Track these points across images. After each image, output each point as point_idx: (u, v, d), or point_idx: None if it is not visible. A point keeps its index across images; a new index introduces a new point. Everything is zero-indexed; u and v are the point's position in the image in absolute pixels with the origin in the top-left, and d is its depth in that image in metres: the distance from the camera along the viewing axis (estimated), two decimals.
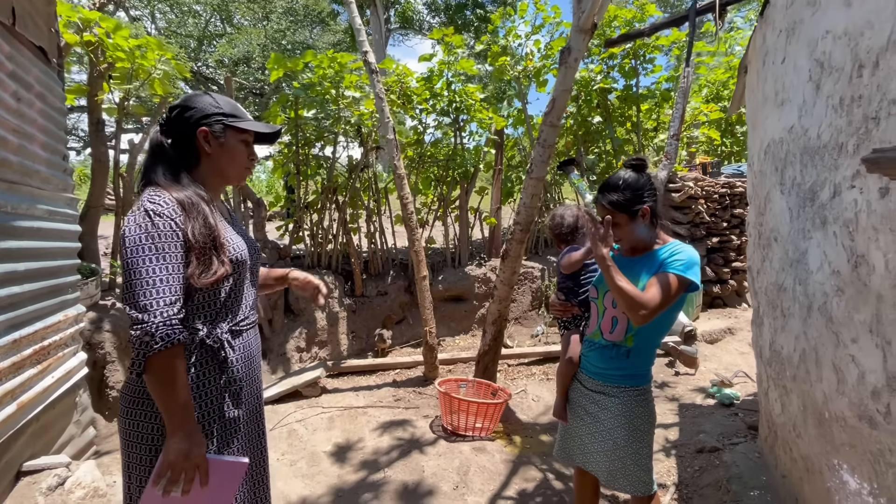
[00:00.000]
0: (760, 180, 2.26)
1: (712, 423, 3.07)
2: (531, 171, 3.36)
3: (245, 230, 1.55)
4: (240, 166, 1.40)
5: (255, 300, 1.48)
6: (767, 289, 2.18)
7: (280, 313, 4.42)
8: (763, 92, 2.21)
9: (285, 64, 4.29)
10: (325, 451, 3.04)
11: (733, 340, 4.43)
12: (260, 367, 1.51)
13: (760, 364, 2.37)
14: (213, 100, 1.38)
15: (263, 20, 24.38)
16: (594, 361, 1.71)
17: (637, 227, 1.59)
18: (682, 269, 1.51)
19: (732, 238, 5.17)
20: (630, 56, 5.67)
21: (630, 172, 1.61)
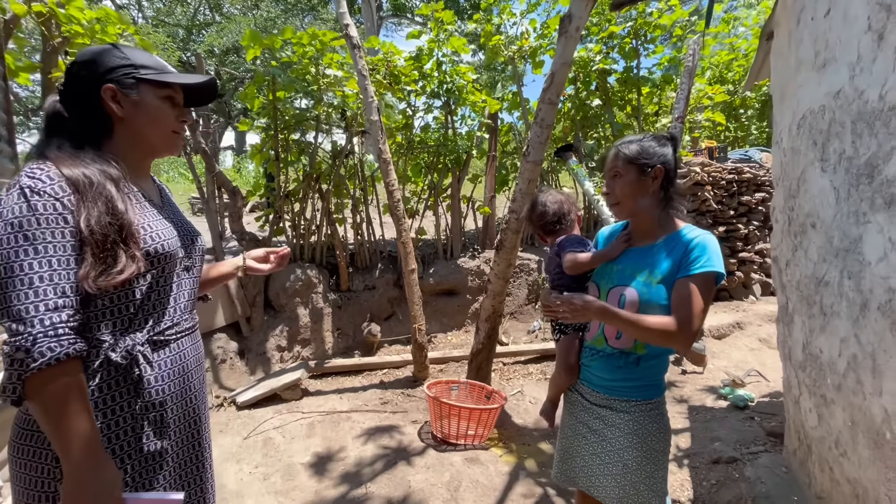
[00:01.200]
0: (792, 158, 1.96)
1: (727, 428, 2.80)
2: (528, 154, 3.05)
3: (181, 215, 1.24)
4: (164, 130, 1.09)
5: (191, 301, 1.18)
6: (801, 282, 1.89)
7: (259, 310, 4.11)
8: (797, 55, 1.90)
9: (262, 41, 3.94)
10: (304, 462, 2.75)
11: (742, 336, 4.17)
12: (202, 382, 1.21)
13: (789, 367, 2.09)
14: (121, 51, 1.06)
15: (253, 8, 23.81)
16: (598, 372, 1.43)
17: (642, 188, 1.34)
18: (707, 265, 1.25)
19: (740, 227, 4.89)
20: (631, 36, 5.34)
21: (660, 134, 1.39)
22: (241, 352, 3.99)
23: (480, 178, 5.15)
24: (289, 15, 23.53)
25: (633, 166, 1.33)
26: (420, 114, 4.82)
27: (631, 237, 1.43)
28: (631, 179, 1.34)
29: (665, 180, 1.35)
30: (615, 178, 1.36)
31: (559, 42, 2.81)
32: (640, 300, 1.30)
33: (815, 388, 1.78)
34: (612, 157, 1.38)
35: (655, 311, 1.28)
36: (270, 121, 4.11)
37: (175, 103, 1.11)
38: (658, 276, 1.30)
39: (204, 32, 22.76)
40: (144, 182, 1.14)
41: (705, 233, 1.31)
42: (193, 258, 1.18)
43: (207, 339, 3.88)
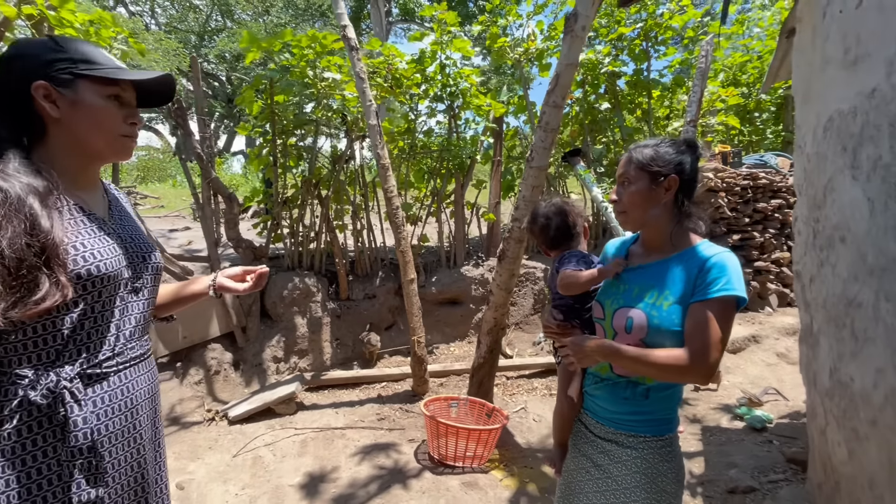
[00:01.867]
0: (817, 164, 1.79)
1: (743, 453, 2.61)
2: (531, 160, 2.90)
3: (135, 229, 1.11)
4: (110, 132, 0.96)
5: (141, 326, 1.05)
6: (827, 301, 1.72)
7: (255, 319, 4.00)
8: (823, 53, 1.74)
9: (260, 43, 3.85)
10: (293, 483, 2.62)
11: (758, 350, 3.96)
12: (155, 416, 1.08)
13: (813, 393, 1.91)
14: (56, 42, 0.93)
15: (264, 14, 24.03)
16: (603, 403, 1.27)
17: (653, 198, 1.19)
18: (727, 288, 1.08)
19: (755, 235, 4.68)
20: (641, 37, 5.18)
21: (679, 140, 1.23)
22: (236, 363, 3.88)
23: (485, 184, 5.01)
24: (299, 20, 23.68)
25: (644, 173, 1.19)
26: (423, 118, 4.70)
27: (628, 260, 1.28)
28: (641, 187, 1.19)
29: (680, 191, 1.19)
30: (625, 185, 1.22)
31: (564, 42, 2.67)
32: (649, 324, 1.14)
33: (846, 419, 1.61)
34: (623, 162, 1.25)
35: (666, 337, 1.13)
36: (269, 126, 4.02)
37: (123, 103, 0.98)
38: (670, 297, 1.14)
39: (216, 38, 23.00)
40: (88, 193, 1.02)
41: (724, 251, 1.15)
42: (144, 278, 1.05)
43: (201, 349, 3.77)
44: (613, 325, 1.23)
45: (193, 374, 3.68)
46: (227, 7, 23.34)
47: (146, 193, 9.68)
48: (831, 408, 1.72)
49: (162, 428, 1.15)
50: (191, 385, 3.63)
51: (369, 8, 18.81)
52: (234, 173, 11.32)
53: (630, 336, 1.18)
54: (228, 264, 4.25)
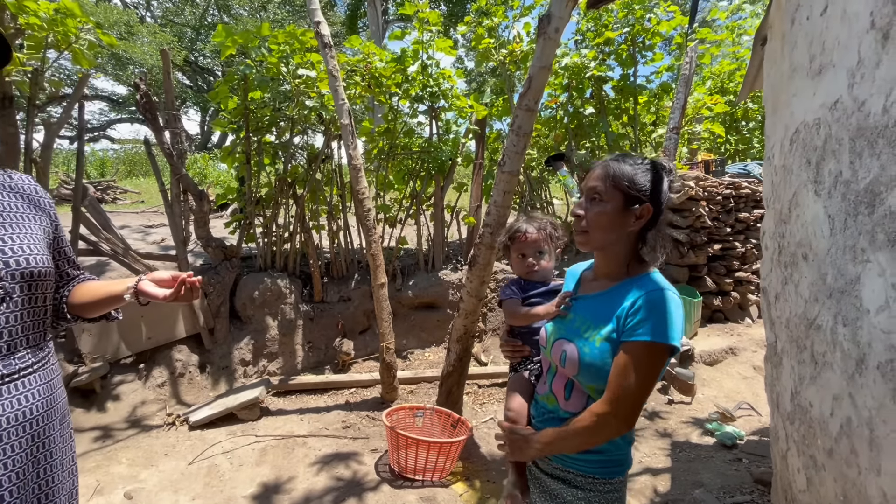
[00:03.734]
0: (783, 178, 1.71)
1: (711, 471, 2.53)
2: (503, 164, 2.81)
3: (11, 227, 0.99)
4: None
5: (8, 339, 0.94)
6: (790, 321, 1.64)
7: (224, 321, 3.88)
8: (790, 61, 1.66)
9: (235, 38, 3.74)
10: (247, 494, 2.52)
11: (735, 362, 3.89)
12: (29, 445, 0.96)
13: (777, 416, 1.83)
14: None
15: (261, 10, 23.86)
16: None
17: (621, 223, 1.06)
18: (650, 333, 0.96)
19: (736, 245, 4.62)
20: (629, 42, 5.11)
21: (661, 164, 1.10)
22: (203, 365, 3.77)
23: (466, 187, 4.92)
24: (296, 17, 23.54)
25: (619, 193, 1.05)
26: (404, 118, 4.61)
27: (570, 301, 1.19)
28: (612, 209, 1.06)
29: (649, 221, 1.08)
30: (593, 201, 1.08)
31: (538, 44, 2.59)
32: (581, 361, 1.06)
33: (805, 445, 1.53)
34: (597, 175, 1.10)
35: (596, 375, 1.04)
36: (241, 122, 3.91)
37: None
38: (602, 332, 1.05)
39: (212, 32, 22.81)
40: None
41: (664, 287, 1.02)
42: (5, 287, 0.94)
43: (167, 350, 3.66)
44: (552, 356, 1.15)
45: (157, 375, 3.57)
46: (224, 2, 23.16)
47: (126, 188, 9.52)
48: (792, 432, 1.65)
49: (59, 453, 1.04)
50: (154, 388, 3.52)
51: (366, 7, 18.71)
52: (222, 170, 11.17)
53: (566, 370, 1.10)
54: (200, 262, 4.14)
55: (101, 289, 1.16)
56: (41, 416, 0.99)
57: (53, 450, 1.04)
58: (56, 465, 1.04)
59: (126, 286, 1.13)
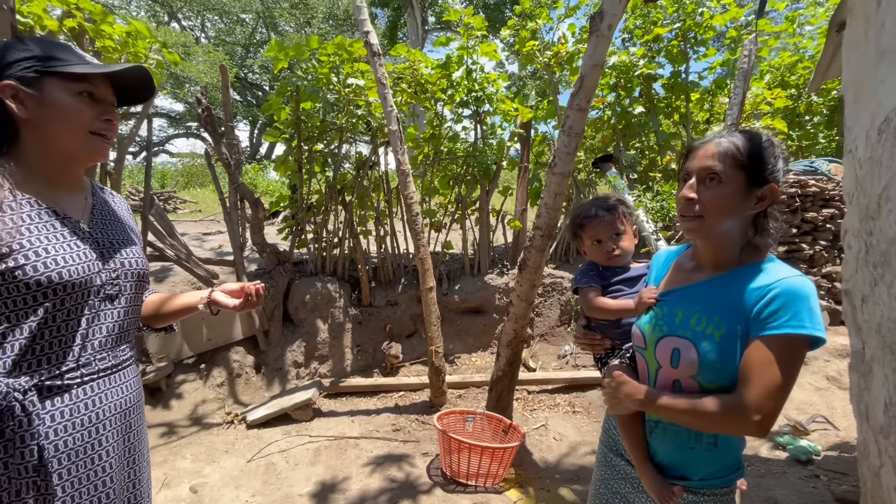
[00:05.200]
0: (871, 171, 1.59)
1: (786, 488, 2.36)
2: (554, 166, 2.77)
3: (120, 235, 1.07)
4: (79, 130, 0.92)
5: (115, 336, 1.00)
6: (882, 325, 1.51)
7: (278, 324, 4.02)
8: (877, 45, 1.54)
9: (287, 51, 3.89)
10: (303, 492, 2.57)
11: (806, 372, 3.62)
12: (126, 431, 1.02)
13: (866, 429, 1.69)
14: (24, 42, 0.90)
15: (305, 25, 24.79)
16: (659, 448, 1.08)
17: (742, 207, 0.96)
18: (795, 324, 0.87)
19: (803, 247, 4.33)
20: (679, 38, 4.93)
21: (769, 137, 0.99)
22: (258, 366, 3.91)
23: (511, 191, 4.88)
24: (338, 31, 24.30)
25: (741, 173, 0.94)
26: (448, 123, 4.63)
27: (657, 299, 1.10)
28: (734, 190, 0.94)
29: (766, 211, 0.98)
30: (709, 182, 0.96)
31: (589, 42, 2.53)
32: (701, 359, 0.96)
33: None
34: (710, 153, 0.96)
35: (721, 373, 0.95)
36: (294, 132, 4.05)
37: (97, 99, 0.94)
38: (722, 325, 0.95)
39: (260, 50, 23.91)
40: (65, 196, 0.98)
41: (797, 274, 0.93)
42: (121, 286, 1.01)
43: (225, 351, 3.82)
44: (657, 356, 1.05)
45: (216, 375, 3.73)
46: (271, 20, 24.24)
47: (185, 198, 10.08)
48: (887, 447, 1.51)
49: (142, 443, 1.10)
50: (213, 387, 3.68)
51: (406, 18, 19.08)
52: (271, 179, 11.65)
53: (678, 371, 1.00)
54: (255, 268, 4.31)
55: (176, 300, 1.22)
56: (134, 406, 1.06)
57: (141, 439, 1.10)
58: (142, 454, 1.11)
59: (200, 297, 1.19)
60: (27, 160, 0.93)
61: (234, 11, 23.51)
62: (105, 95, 0.95)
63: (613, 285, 1.34)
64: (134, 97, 1.04)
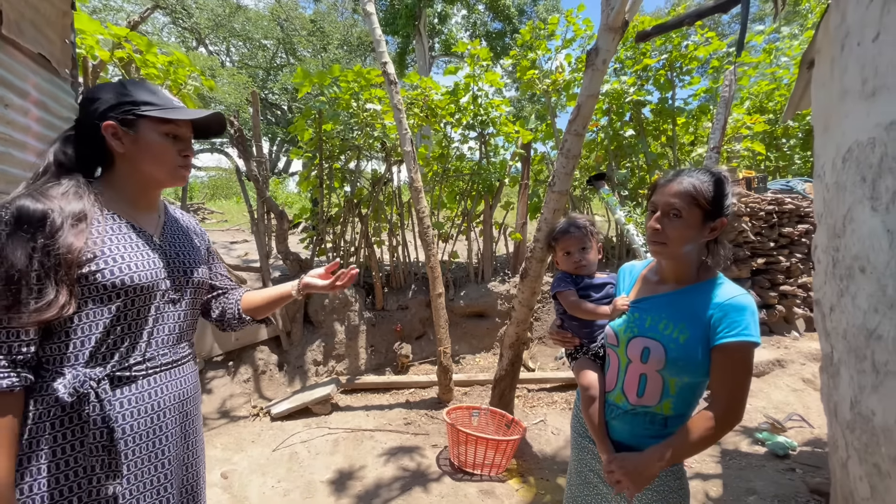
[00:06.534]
0: (836, 194, 1.67)
1: (764, 479, 2.41)
2: (553, 184, 2.86)
3: (186, 248, 1.16)
4: (167, 165, 1.03)
5: (177, 335, 1.08)
6: (848, 331, 1.58)
7: (299, 325, 4.10)
8: (841, 84, 1.63)
9: (311, 78, 4.02)
10: (324, 479, 2.64)
11: (783, 374, 3.68)
12: (186, 420, 1.09)
13: (835, 425, 1.75)
14: (124, 87, 1.01)
15: (322, 51, 25.12)
16: (620, 430, 1.20)
17: (698, 236, 1.08)
18: (748, 333, 1.02)
19: (780, 259, 4.40)
20: (666, 68, 5.05)
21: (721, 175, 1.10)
22: (281, 364, 3.98)
23: (513, 205, 4.98)
24: (353, 56, 24.64)
25: (697, 210, 1.06)
26: (456, 144, 4.74)
27: (628, 307, 1.22)
28: (691, 224, 1.06)
29: (717, 239, 1.11)
30: (671, 217, 1.07)
31: (585, 75, 2.64)
32: (668, 356, 1.08)
33: (867, 454, 1.46)
34: (672, 192, 1.07)
35: (685, 369, 1.07)
36: (317, 151, 4.16)
37: (179, 137, 1.05)
38: (686, 330, 1.07)
39: (280, 73, 24.26)
40: (143, 213, 1.08)
41: (744, 292, 1.07)
42: (183, 291, 1.10)
43: (251, 350, 3.90)
44: (628, 353, 1.17)
45: (243, 372, 3.80)
46: (290, 46, 24.60)
47: (213, 209, 10.21)
48: (852, 441, 1.57)
49: (198, 431, 1.17)
50: (240, 382, 3.75)
51: (414, 44, 19.35)
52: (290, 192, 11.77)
53: (646, 366, 1.12)
54: (278, 274, 4.40)
55: (271, 292, 1.32)
56: (190, 397, 1.13)
57: (196, 427, 1.17)
58: (198, 440, 1.17)
59: (292, 286, 1.30)
60: (117, 184, 1.03)
61: (257, 38, 23.90)
62: (186, 133, 1.06)
63: (582, 289, 1.46)
64: (207, 133, 1.14)
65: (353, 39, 24.91)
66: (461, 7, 20.14)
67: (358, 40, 24.56)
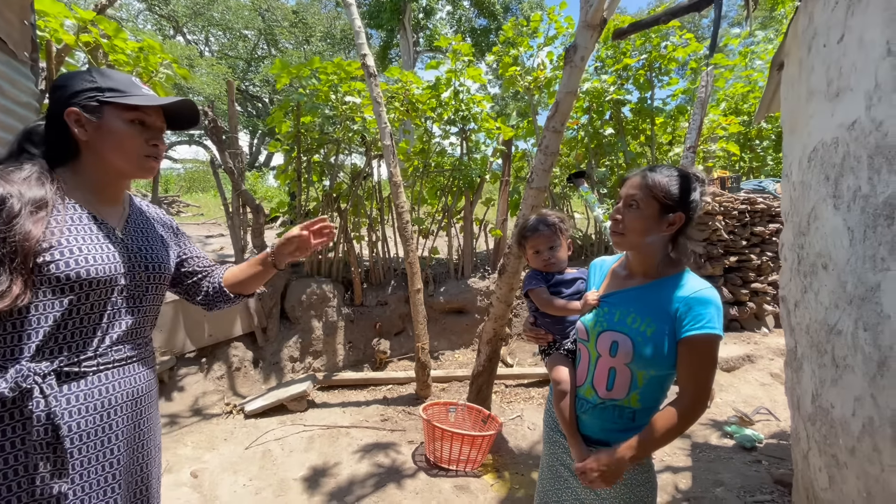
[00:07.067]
0: (802, 193, 1.71)
1: (731, 471, 2.47)
2: (531, 181, 2.86)
3: (149, 242, 1.10)
4: (132, 154, 0.98)
5: (131, 332, 1.02)
6: (810, 327, 1.62)
7: (275, 321, 4.02)
8: (808, 85, 1.67)
9: (290, 70, 3.93)
10: (297, 477, 2.60)
11: (753, 369, 3.78)
12: (139, 419, 1.04)
13: (798, 417, 1.80)
14: (90, 74, 0.97)
15: (304, 43, 24.68)
16: (592, 422, 1.21)
17: (655, 228, 1.10)
18: (713, 326, 1.04)
19: (752, 257, 4.51)
20: (646, 67, 5.11)
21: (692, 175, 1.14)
22: (256, 361, 3.91)
23: (493, 202, 4.98)
24: (335, 49, 24.29)
25: (655, 202, 1.09)
26: (437, 139, 4.71)
27: (599, 302, 1.23)
28: (648, 215, 1.10)
29: (682, 227, 1.12)
30: (630, 207, 1.12)
31: (564, 71, 2.64)
32: (635, 350, 1.09)
33: (826, 445, 1.50)
34: (634, 184, 1.13)
35: (651, 362, 1.08)
36: (294, 144, 4.08)
37: (147, 126, 1.00)
38: (652, 323, 1.09)
39: (261, 64, 23.75)
40: (106, 205, 1.03)
41: (709, 286, 1.09)
42: (143, 287, 1.05)
43: (225, 347, 3.81)
44: (597, 347, 1.18)
45: (217, 369, 3.71)
46: (272, 37, 24.09)
47: (189, 202, 9.95)
48: (813, 433, 1.62)
49: (152, 431, 1.11)
50: (214, 380, 3.66)
51: (399, 38, 19.17)
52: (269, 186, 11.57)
53: (615, 359, 1.13)
54: None
55: (250, 262, 1.28)
56: (144, 395, 1.08)
57: (151, 427, 1.12)
58: (152, 441, 1.12)
59: (268, 249, 1.26)
60: (81, 173, 0.99)
61: (237, 28, 23.32)
62: (155, 122, 1.01)
63: (553, 286, 1.46)
64: (180, 123, 1.09)
65: (336, 32, 24.55)
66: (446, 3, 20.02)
67: (342, 33, 24.22)
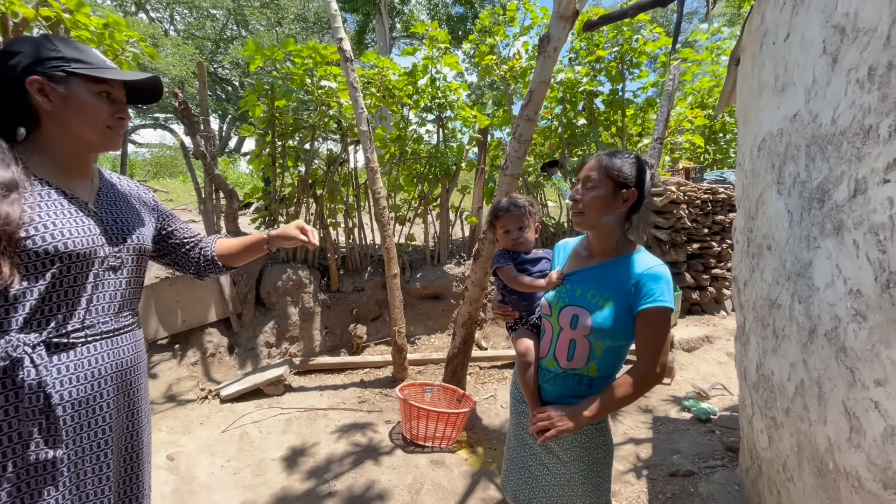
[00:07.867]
0: (752, 180, 1.85)
1: (687, 441, 2.66)
2: (506, 168, 2.95)
3: (123, 214, 1.12)
4: (97, 125, 0.99)
5: (117, 302, 1.05)
6: (756, 303, 1.77)
7: (250, 307, 4.00)
8: (759, 79, 1.80)
9: (263, 52, 3.86)
10: (276, 457, 2.64)
11: (711, 349, 4.02)
12: (126, 389, 1.08)
13: (744, 387, 1.97)
14: (50, 41, 0.96)
15: (276, 25, 23.91)
16: (553, 390, 1.30)
17: (611, 206, 1.20)
18: (664, 299, 1.14)
19: (713, 245, 4.76)
20: (618, 60, 5.25)
21: (643, 159, 1.25)
22: (231, 347, 3.89)
23: (469, 190, 5.05)
24: (308, 32, 23.65)
25: (609, 181, 1.19)
26: (413, 126, 4.73)
27: (562, 279, 1.32)
28: (603, 193, 1.19)
29: (634, 204, 1.22)
30: (587, 188, 1.21)
31: (538, 61, 2.72)
32: (593, 323, 1.19)
33: (767, 409, 1.66)
34: (590, 166, 1.23)
35: (607, 333, 1.18)
36: (268, 128, 4.03)
37: (112, 99, 1.02)
38: (610, 299, 1.19)
39: (231, 46, 22.88)
40: (75, 179, 1.04)
41: (660, 263, 1.19)
42: (124, 258, 1.07)
43: (199, 333, 3.78)
44: (559, 321, 1.27)
45: (191, 355, 3.68)
46: (242, 17, 23.22)
47: (157, 188, 9.62)
48: (756, 399, 1.78)
49: (141, 400, 1.15)
50: (188, 366, 3.63)
51: (374, 23, 18.82)
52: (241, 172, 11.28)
53: (575, 332, 1.23)
54: None
55: (245, 238, 1.34)
56: (133, 366, 1.11)
57: (140, 397, 1.15)
58: (141, 409, 1.16)
59: (266, 232, 1.31)
60: (44, 147, 0.98)
61: (205, 6, 22.33)
62: (120, 96, 1.02)
63: (520, 264, 1.56)
64: (142, 98, 1.10)
65: (309, 15, 23.89)
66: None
67: (315, 16, 23.58)
